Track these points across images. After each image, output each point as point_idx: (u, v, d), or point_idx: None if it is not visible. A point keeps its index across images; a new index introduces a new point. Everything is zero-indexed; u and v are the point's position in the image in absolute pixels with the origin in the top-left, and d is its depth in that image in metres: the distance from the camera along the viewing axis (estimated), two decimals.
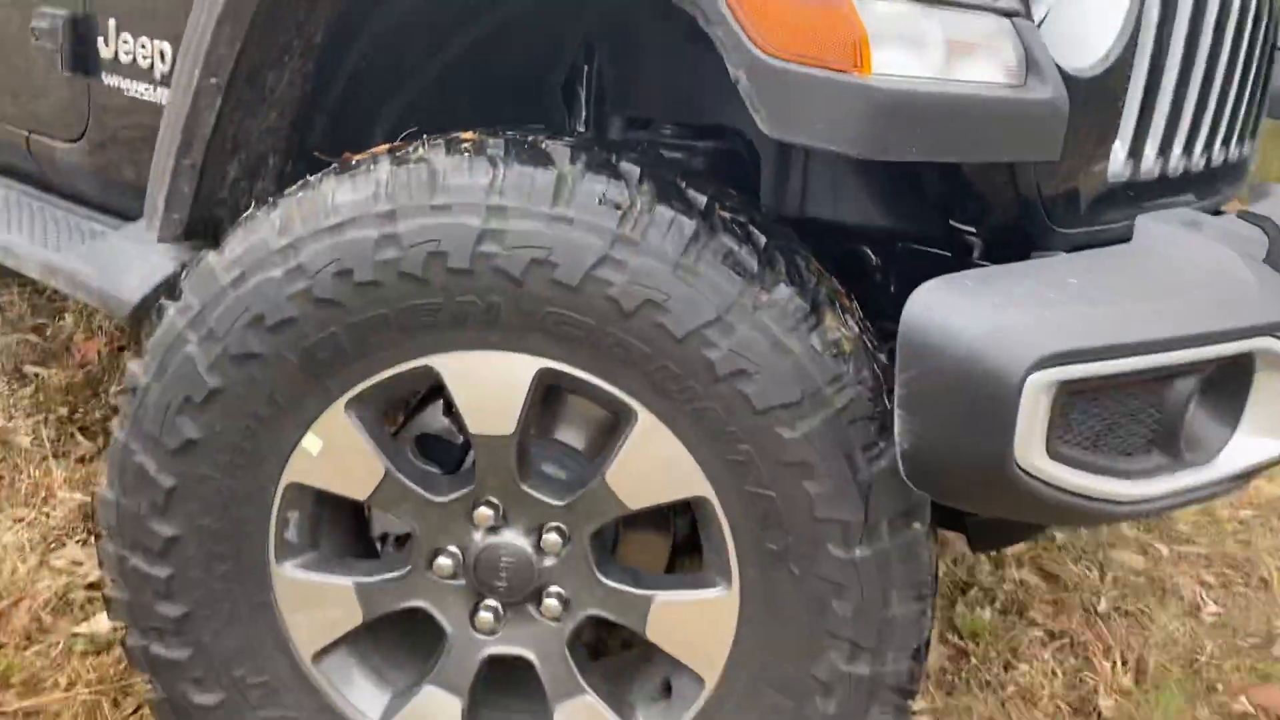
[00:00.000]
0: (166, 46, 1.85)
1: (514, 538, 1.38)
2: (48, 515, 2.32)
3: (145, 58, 1.89)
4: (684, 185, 1.27)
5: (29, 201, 2.25)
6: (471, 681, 1.44)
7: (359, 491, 1.38)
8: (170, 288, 1.65)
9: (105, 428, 2.71)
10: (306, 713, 1.44)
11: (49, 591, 2.09)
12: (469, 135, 1.32)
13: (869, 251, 1.61)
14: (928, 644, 1.31)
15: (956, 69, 1.08)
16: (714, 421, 1.24)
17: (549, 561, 1.38)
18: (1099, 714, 2.08)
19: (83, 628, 2.01)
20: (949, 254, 1.50)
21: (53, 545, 2.23)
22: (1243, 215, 1.37)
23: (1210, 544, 2.66)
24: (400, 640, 1.51)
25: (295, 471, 1.36)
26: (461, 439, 1.48)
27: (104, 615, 1.99)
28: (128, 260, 1.84)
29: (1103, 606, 2.38)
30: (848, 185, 1.55)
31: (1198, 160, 1.51)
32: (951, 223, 1.46)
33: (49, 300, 3.34)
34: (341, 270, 1.24)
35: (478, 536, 1.39)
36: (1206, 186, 1.57)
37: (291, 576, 1.41)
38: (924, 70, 1.06)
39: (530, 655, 1.42)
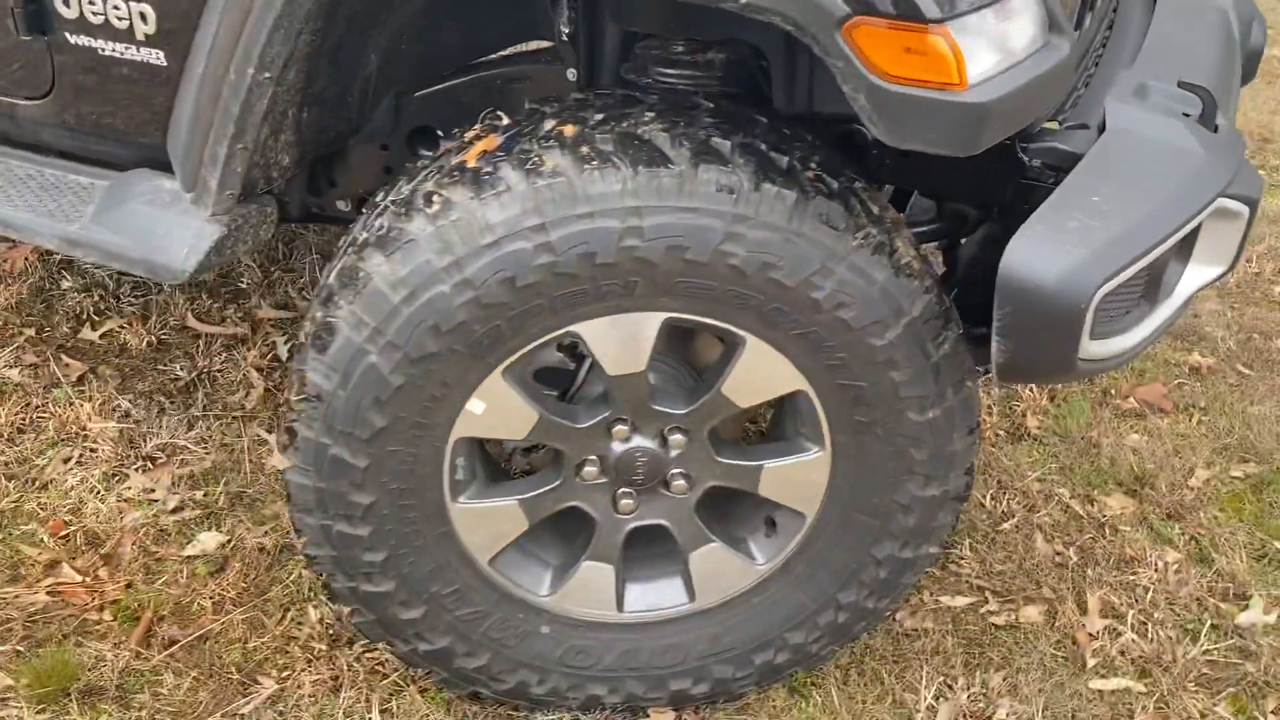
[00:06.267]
0: (148, 9, 1.85)
1: (645, 441, 1.70)
2: (94, 450, 2.46)
3: (121, 19, 1.88)
4: (766, 149, 1.51)
5: None
6: (620, 551, 1.79)
7: (517, 434, 1.65)
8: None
9: (92, 345, 2.78)
10: (491, 603, 1.78)
11: (138, 524, 2.29)
12: (570, 130, 1.50)
13: (863, 130, 1.88)
14: (973, 463, 1.73)
15: (1015, 52, 1.34)
16: (815, 340, 1.56)
17: (675, 453, 1.71)
18: (1029, 432, 2.62)
19: (192, 549, 2.24)
20: None
21: (115, 478, 2.39)
22: (1181, 85, 1.70)
23: None
24: (547, 529, 1.83)
25: (462, 429, 1.62)
26: (574, 366, 1.75)
27: (205, 535, 2.25)
28: (166, 228, 1.94)
29: None
30: None
31: None
32: None
33: None
34: (505, 279, 1.45)
35: (615, 446, 1.70)
36: None
37: (465, 507, 1.70)
38: (998, 63, 1.32)
39: (666, 523, 1.78)
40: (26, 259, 3.11)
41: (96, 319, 2.91)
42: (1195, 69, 1.81)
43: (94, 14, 1.90)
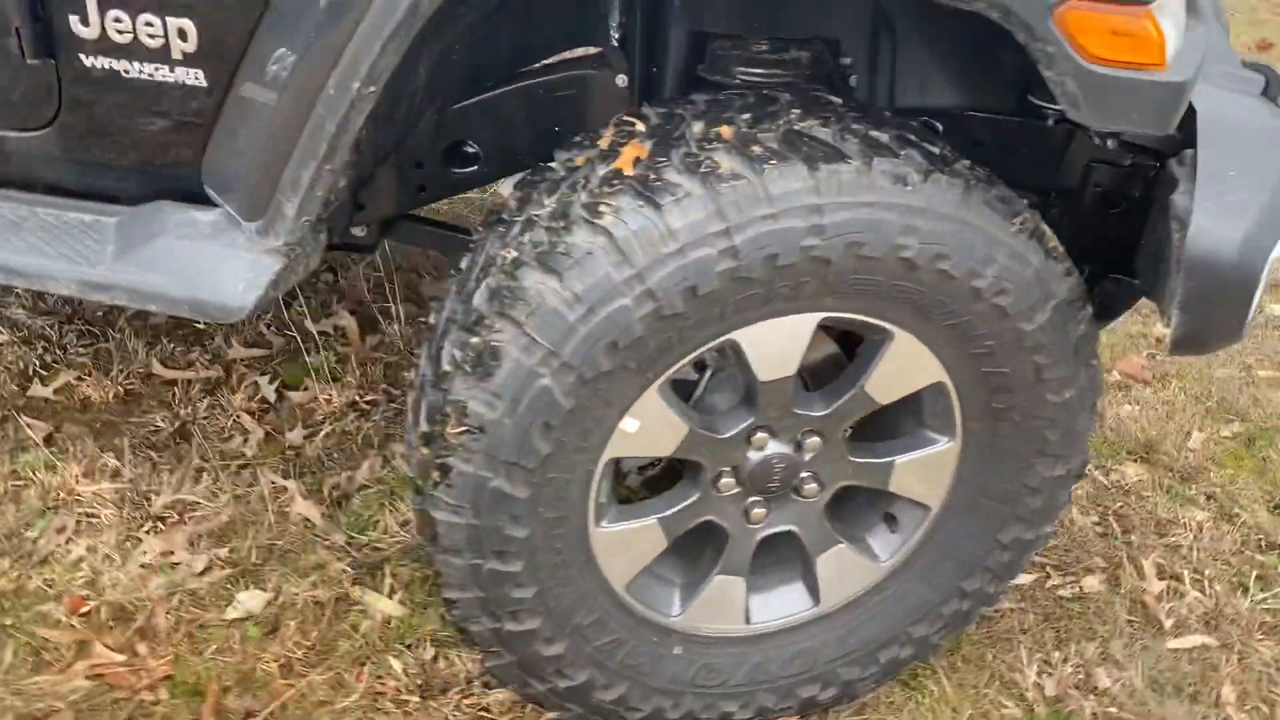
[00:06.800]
0: (189, 26, 1.70)
1: (781, 447, 1.66)
2: (92, 516, 2.23)
3: (154, 38, 1.72)
4: (918, 140, 1.51)
5: None
6: (749, 563, 1.75)
7: (664, 450, 1.59)
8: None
9: (48, 402, 2.53)
10: (627, 630, 1.71)
11: (165, 590, 2.09)
12: (727, 131, 1.46)
13: (931, 122, 1.91)
14: None
15: (1182, 34, 1.39)
16: (966, 329, 1.56)
17: (809, 456, 1.68)
18: None
19: (235, 612, 2.06)
20: (1018, 119, 1.83)
21: (127, 543, 2.18)
22: (1246, 65, 1.79)
23: None
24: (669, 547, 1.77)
25: (614, 449, 1.54)
26: (697, 376, 1.69)
27: (244, 594, 2.08)
28: (213, 263, 1.79)
29: None
30: (933, 76, 1.81)
31: None
32: (1030, 99, 1.79)
33: None
34: (688, 287, 1.39)
35: (752, 454, 1.65)
36: None
37: (608, 531, 1.62)
38: (1178, 43, 1.36)
39: (794, 529, 1.75)
40: None
41: (45, 374, 2.65)
42: (1222, 51, 1.91)
43: (119, 32, 1.72)
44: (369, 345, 2.83)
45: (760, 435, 1.64)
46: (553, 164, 1.59)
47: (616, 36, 1.98)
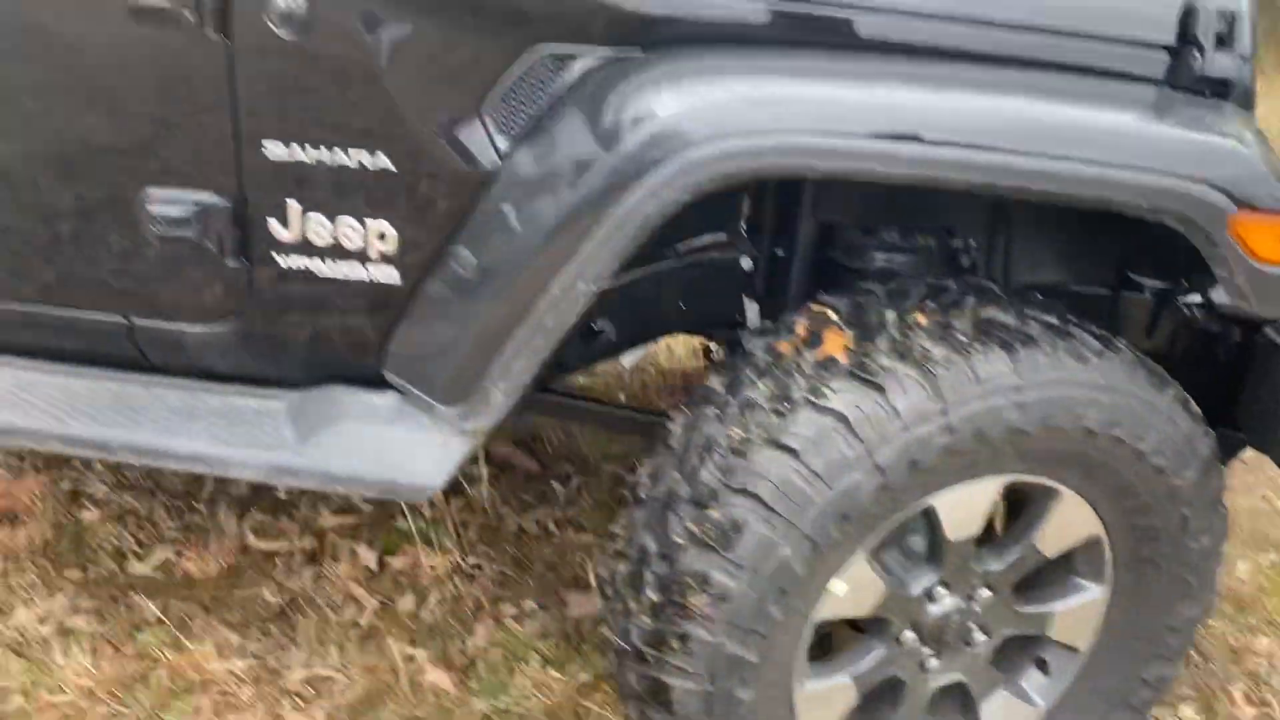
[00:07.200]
0: (388, 229, 1.84)
1: (957, 602, 1.80)
2: (227, 694, 2.24)
3: (352, 240, 1.85)
4: (1078, 322, 1.71)
5: (142, 390, 2.04)
6: (923, 713, 1.86)
7: (864, 610, 1.71)
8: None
9: (148, 580, 2.54)
10: None
11: None
12: (923, 319, 1.64)
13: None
14: None
15: None
16: (1127, 487, 1.74)
17: (979, 608, 1.82)
18: None
19: None
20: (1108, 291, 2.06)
21: None
22: None
23: None
24: None
25: (822, 611, 1.66)
26: None
27: None
28: (404, 445, 1.89)
29: None
30: (1044, 256, 2.04)
31: None
32: (1129, 273, 2.02)
33: None
34: (910, 462, 1.55)
35: (932, 609, 1.79)
36: None
37: (809, 690, 1.73)
38: None
39: (964, 678, 1.87)
40: (31, 495, 2.81)
41: (139, 550, 2.66)
42: None
43: (318, 235, 1.85)
44: (454, 507, 2.90)
45: (940, 590, 1.77)
46: (749, 349, 1.74)
47: (744, 225, 2.17)
